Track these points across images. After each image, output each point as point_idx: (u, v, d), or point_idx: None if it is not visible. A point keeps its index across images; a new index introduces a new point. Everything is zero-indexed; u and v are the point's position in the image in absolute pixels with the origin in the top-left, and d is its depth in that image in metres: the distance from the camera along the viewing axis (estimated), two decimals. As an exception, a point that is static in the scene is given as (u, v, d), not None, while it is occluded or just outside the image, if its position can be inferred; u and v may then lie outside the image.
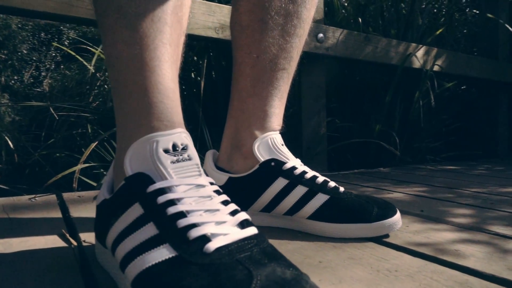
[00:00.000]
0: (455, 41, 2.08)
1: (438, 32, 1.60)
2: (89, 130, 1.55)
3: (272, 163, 0.56)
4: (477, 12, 2.30)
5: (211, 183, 0.38)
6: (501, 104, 1.87)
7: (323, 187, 0.55)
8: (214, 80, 1.35)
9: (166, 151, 0.37)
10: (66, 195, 0.83)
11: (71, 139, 1.62)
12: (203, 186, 0.37)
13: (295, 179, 0.56)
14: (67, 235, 0.53)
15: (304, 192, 0.55)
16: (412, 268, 0.43)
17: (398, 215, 0.54)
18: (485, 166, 1.48)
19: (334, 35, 1.23)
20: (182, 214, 0.33)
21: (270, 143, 0.57)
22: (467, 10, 2.46)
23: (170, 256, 0.30)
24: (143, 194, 0.35)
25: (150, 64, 0.40)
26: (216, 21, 1.02)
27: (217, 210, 0.34)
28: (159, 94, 0.40)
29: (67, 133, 1.61)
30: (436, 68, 1.49)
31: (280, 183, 0.56)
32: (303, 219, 0.55)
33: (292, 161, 0.57)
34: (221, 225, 0.33)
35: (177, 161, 0.37)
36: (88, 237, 0.53)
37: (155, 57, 0.40)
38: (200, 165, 0.39)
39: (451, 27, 1.90)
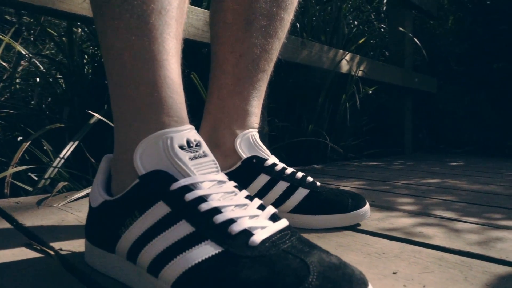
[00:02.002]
0: (369, 50, 2.31)
1: (361, 41, 1.76)
2: (-1, 129, 1.36)
3: (254, 160, 0.58)
4: (382, 25, 2.59)
5: (229, 179, 0.38)
6: (406, 107, 2.14)
7: (303, 182, 0.58)
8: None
9: (181, 147, 0.36)
10: (0, 202, 0.73)
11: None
12: (224, 182, 0.37)
13: (276, 175, 0.58)
14: (37, 245, 0.47)
15: (286, 187, 0.57)
16: (395, 250, 0.48)
17: (368, 204, 0.60)
18: (399, 162, 1.68)
19: (275, 38, 1.28)
20: (217, 210, 0.33)
21: (251, 140, 0.58)
22: (375, 23, 2.75)
23: (217, 251, 0.30)
24: (166, 192, 0.34)
25: (159, 58, 0.38)
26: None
27: (245, 205, 0.35)
28: (168, 89, 0.38)
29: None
30: (360, 73, 1.64)
31: (263, 179, 0.57)
32: (284, 213, 0.58)
33: (272, 158, 0.59)
34: (255, 219, 0.33)
35: (195, 157, 0.37)
36: (64, 246, 0.48)
37: (163, 51, 0.39)
38: (216, 161, 0.38)
39: (367, 38, 2.11)
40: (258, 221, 0.33)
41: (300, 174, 0.59)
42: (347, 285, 0.27)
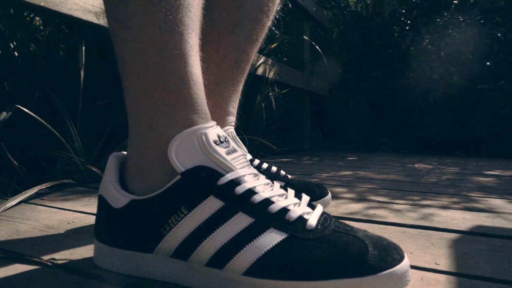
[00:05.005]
0: (271, 55, 2.47)
1: (273, 46, 1.88)
2: None
3: (234, 157, 0.60)
4: (277, 32, 2.80)
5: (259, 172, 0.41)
6: (306, 108, 2.35)
7: (278, 175, 0.63)
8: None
9: (215, 143, 0.38)
10: None
11: None
12: (258, 175, 0.39)
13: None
14: (28, 257, 0.42)
15: (264, 181, 0.61)
16: (367, 229, 0.56)
17: (330, 193, 0.68)
18: (306, 158, 1.86)
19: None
20: (269, 201, 0.35)
21: (231, 136, 0.61)
22: (272, 28, 2.95)
23: (283, 237, 0.33)
24: (215, 187, 0.35)
25: (185, 54, 0.39)
26: (97, 4, 0.92)
27: (284, 194, 0.38)
28: (194, 85, 0.39)
29: None
30: (272, 76, 1.76)
31: (243, 174, 0.60)
32: (262, 205, 0.62)
33: (249, 154, 0.62)
34: (297, 206, 0.37)
35: (229, 152, 0.38)
36: (53, 256, 0.43)
37: (189, 47, 0.39)
38: (245, 155, 0.41)
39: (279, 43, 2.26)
40: (302, 208, 0.37)
41: (274, 168, 0.64)
42: (395, 251, 0.33)
